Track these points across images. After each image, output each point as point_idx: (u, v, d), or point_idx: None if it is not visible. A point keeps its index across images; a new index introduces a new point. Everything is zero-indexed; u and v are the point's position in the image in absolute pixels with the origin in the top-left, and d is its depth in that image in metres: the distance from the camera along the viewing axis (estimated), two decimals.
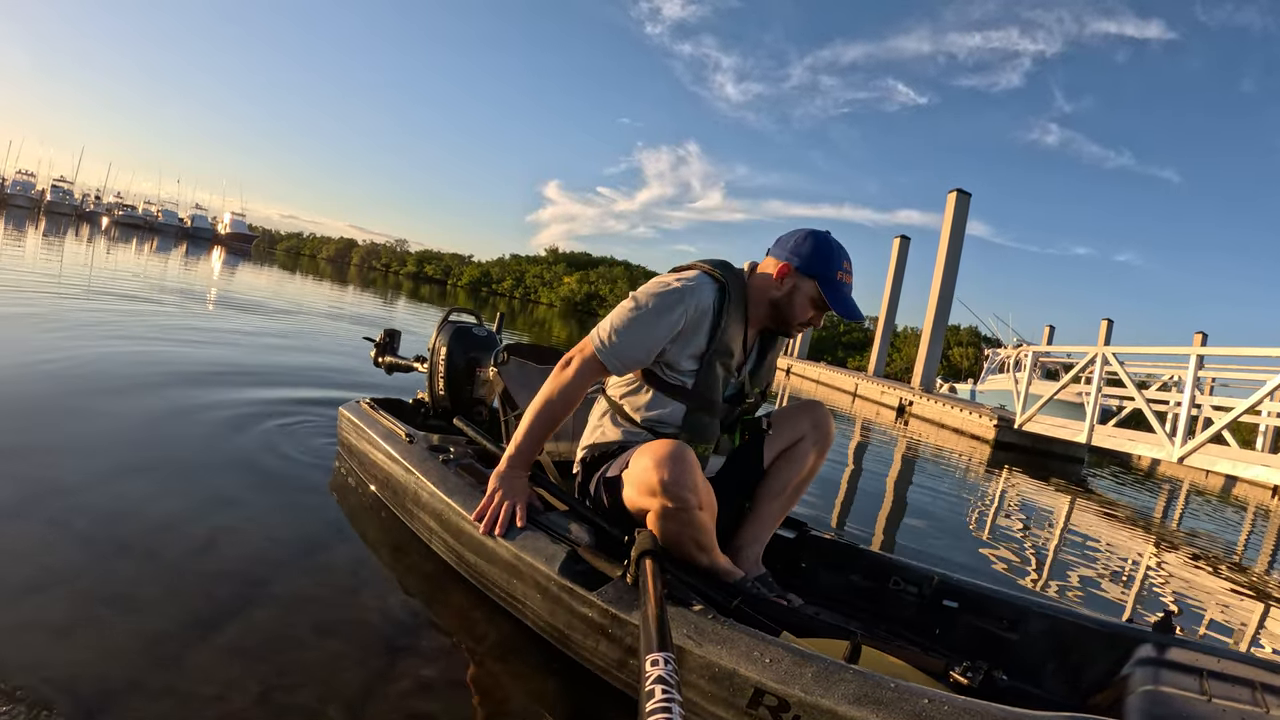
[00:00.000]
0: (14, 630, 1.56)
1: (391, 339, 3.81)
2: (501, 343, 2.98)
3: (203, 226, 71.18)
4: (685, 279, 1.96)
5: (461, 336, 3.29)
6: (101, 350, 4.87)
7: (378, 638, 1.79)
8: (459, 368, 3.25)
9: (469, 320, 3.45)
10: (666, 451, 1.73)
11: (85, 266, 12.75)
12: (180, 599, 1.81)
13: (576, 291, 61.88)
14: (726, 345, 1.98)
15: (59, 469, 2.55)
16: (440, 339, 3.28)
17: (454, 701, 1.62)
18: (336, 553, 2.27)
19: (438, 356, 3.27)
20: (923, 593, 2.16)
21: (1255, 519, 8.37)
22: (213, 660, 1.57)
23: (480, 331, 3.36)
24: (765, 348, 2.14)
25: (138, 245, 27.51)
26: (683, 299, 1.92)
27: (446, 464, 2.43)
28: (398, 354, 3.80)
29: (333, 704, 1.49)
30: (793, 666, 1.42)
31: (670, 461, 1.71)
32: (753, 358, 2.12)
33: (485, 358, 3.26)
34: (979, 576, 2.30)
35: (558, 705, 1.71)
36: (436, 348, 3.28)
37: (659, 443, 1.78)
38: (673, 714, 0.99)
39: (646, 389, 2.02)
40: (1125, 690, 1.54)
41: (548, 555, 1.88)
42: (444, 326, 3.32)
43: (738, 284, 2.02)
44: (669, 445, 1.75)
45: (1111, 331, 25.88)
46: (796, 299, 2.00)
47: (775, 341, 2.17)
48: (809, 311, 2.01)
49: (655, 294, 1.93)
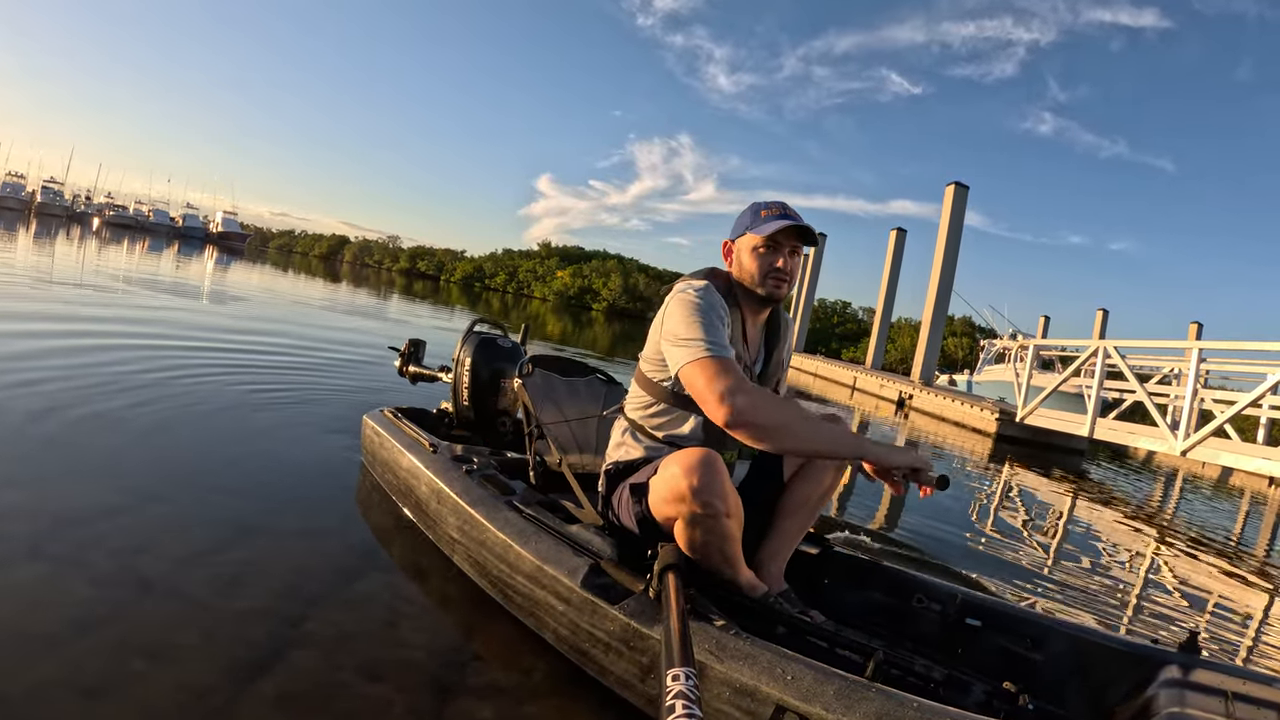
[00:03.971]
0: (41, 691, 1.46)
1: (416, 349, 3.83)
2: (526, 354, 2.97)
3: (195, 226, 70.74)
4: (698, 289, 1.92)
5: (486, 347, 3.29)
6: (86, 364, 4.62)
7: (424, 677, 1.77)
8: (483, 379, 3.26)
9: (494, 332, 3.46)
10: (697, 459, 1.72)
11: (76, 266, 12.60)
12: (216, 644, 1.74)
13: (570, 286, 61.73)
14: (732, 347, 1.96)
15: (63, 499, 2.45)
16: (465, 350, 3.28)
17: None
18: (369, 581, 2.25)
19: (462, 367, 3.28)
20: (946, 611, 2.15)
21: (1254, 507, 8.45)
22: (262, 713, 1.53)
23: (505, 343, 3.37)
24: (771, 345, 2.13)
25: (129, 245, 27.34)
26: (709, 302, 1.89)
27: (470, 474, 2.43)
28: (422, 363, 3.82)
29: None
30: (815, 684, 1.43)
31: (701, 468, 1.71)
32: (760, 357, 2.12)
33: (510, 369, 3.26)
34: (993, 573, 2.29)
35: None
36: (461, 358, 3.28)
37: (689, 450, 1.77)
38: None
39: (663, 405, 2.01)
40: (1150, 712, 1.55)
41: (570, 568, 1.89)
42: (469, 337, 3.32)
43: (725, 284, 2.02)
44: (699, 453, 1.74)
45: (1107, 321, 25.99)
46: (744, 259, 1.99)
47: (780, 338, 2.15)
48: (756, 261, 1.97)
49: (690, 298, 1.89)
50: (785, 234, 1.95)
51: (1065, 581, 3.66)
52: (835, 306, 59.31)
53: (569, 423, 2.57)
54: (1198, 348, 8.68)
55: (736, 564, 1.90)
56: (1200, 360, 8.68)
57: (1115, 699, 1.82)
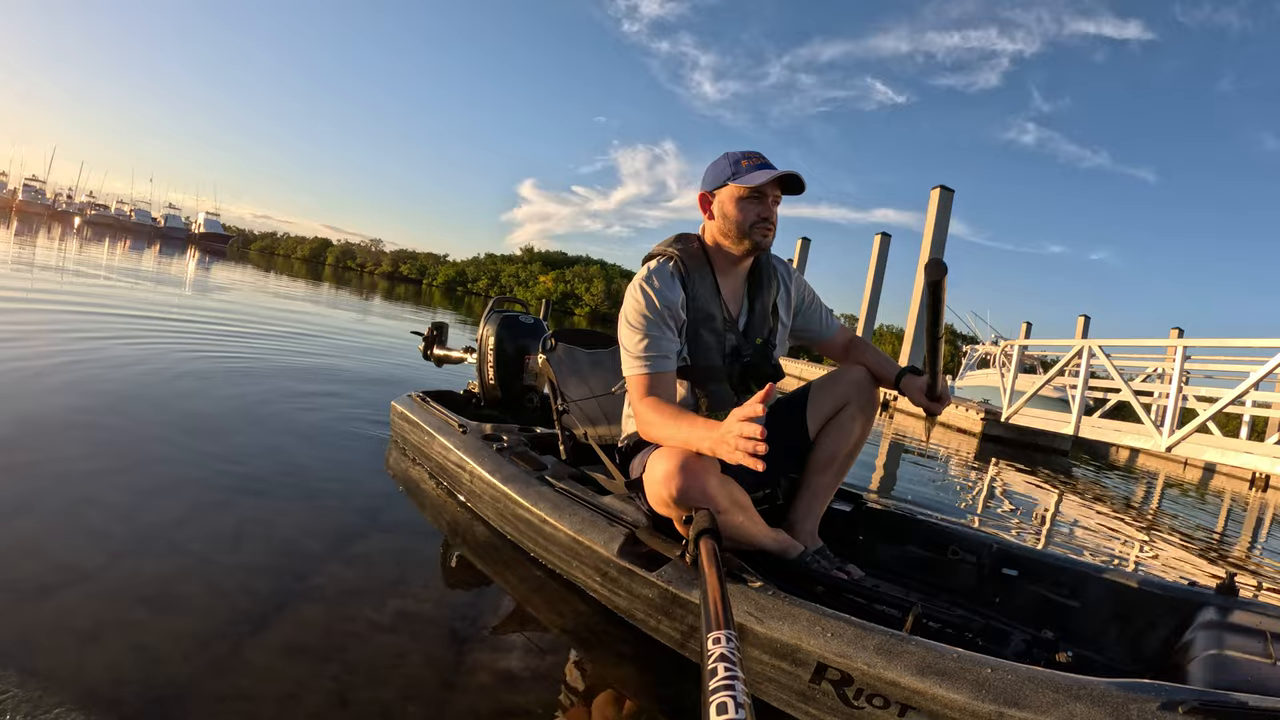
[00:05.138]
0: (37, 633, 1.45)
1: (439, 332, 3.84)
2: (549, 329, 2.94)
3: (176, 226, 70.27)
4: (644, 278, 1.93)
5: (510, 325, 3.28)
6: (95, 344, 4.69)
7: (442, 629, 1.75)
8: (508, 356, 3.25)
9: (516, 309, 3.44)
10: (676, 463, 1.69)
11: (60, 257, 12.47)
12: (219, 596, 1.72)
13: (552, 291, 61.61)
14: (703, 309, 1.97)
15: (60, 460, 2.45)
16: (488, 328, 3.26)
17: (538, 692, 1.58)
18: (376, 542, 2.23)
19: (486, 346, 3.25)
20: (981, 561, 2.15)
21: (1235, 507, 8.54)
22: (272, 661, 1.49)
23: (527, 319, 3.36)
24: (754, 298, 2.10)
25: (110, 245, 27.03)
26: (652, 297, 1.90)
27: (501, 453, 2.44)
28: (447, 345, 3.79)
29: (414, 701, 1.45)
30: (854, 639, 1.43)
31: (680, 474, 1.69)
32: (744, 311, 2.09)
33: (533, 345, 3.24)
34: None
35: (638, 683, 1.69)
36: (484, 337, 3.26)
37: (667, 451, 1.74)
38: (735, 691, 0.98)
39: None
40: (1188, 655, 1.54)
41: (606, 538, 1.89)
42: (489, 316, 3.30)
43: (692, 249, 2.01)
44: (678, 456, 1.71)
45: (1088, 327, 26.23)
46: (727, 210, 1.96)
47: (765, 289, 2.11)
48: (739, 210, 1.95)
49: (638, 300, 1.91)
50: (770, 183, 1.93)
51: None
52: None
53: (595, 397, 2.56)
54: (1182, 345, 8.78)
55: (754, 541, 1.90)
56: (1185, 358, 8.76)
57: (1154, 643, 1.82)
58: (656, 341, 1.88)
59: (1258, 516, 7.99)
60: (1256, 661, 1.43)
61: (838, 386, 2.15)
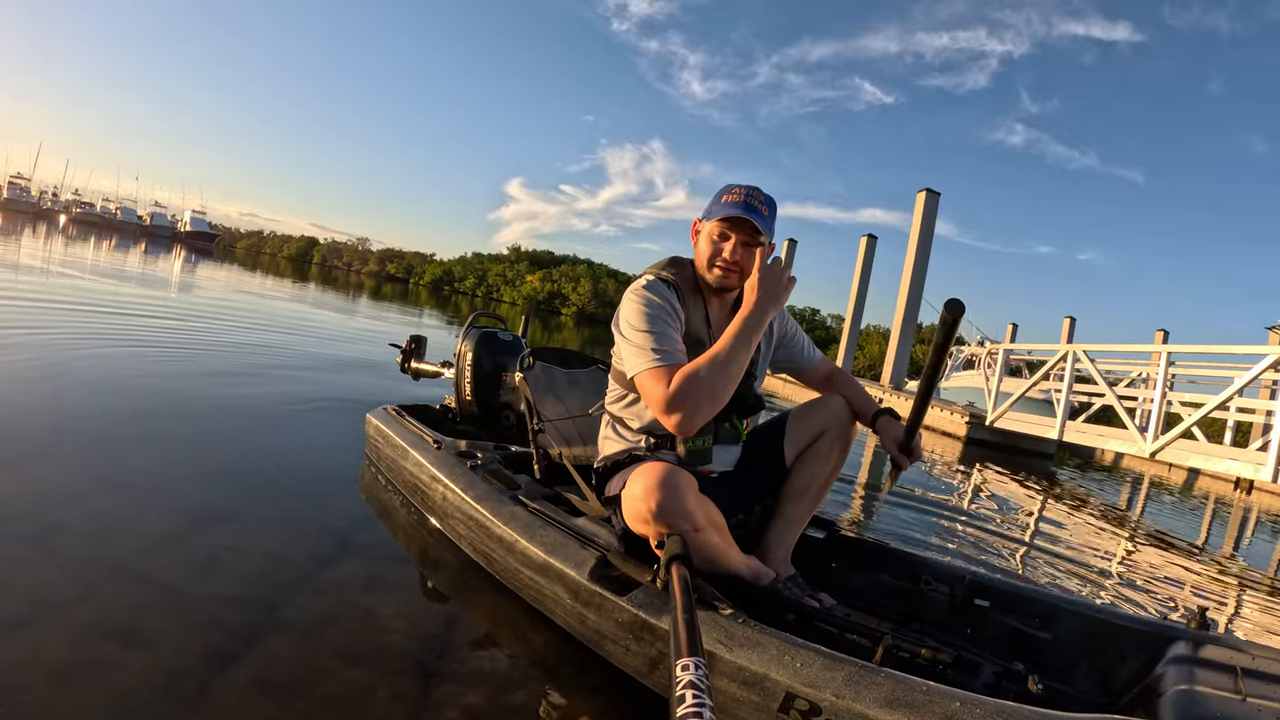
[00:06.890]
0: (10, 672, 1.42)
1: (418, 345, 3.83)
2: (527, 348, 2.94)
3: (162, 224, 69.88)
4: (644, 285, 1.91)
5: (487, 342, 3.28)
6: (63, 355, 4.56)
7: (410, 661, 1.73)
8: (485, 373, 3.24)
9: (495, 325, 3.44)
10: (655, 479, 1.68)
11: (44, 255, 12.34)
12: (189, 629, 1.69)
13: (539, 290, 61.51)
14: (694, 334, 1.96)
15: (26, 482, 2.40)
16: (466, 344, 3.26)
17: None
18: (348, 568, 2.19)
19: (464, 362, 3.25)
20: (954, 592, 2.15)
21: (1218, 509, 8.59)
22: (240, 698, 1.48)
23: (505, 336, 3.36)
24: None
25: (96, 243, 26.82)
26: (655, 299, 1.87)
27: (475, 470, 2.43)
28: (424, 359, 3.79)
29: None
30: (824, 670, 1.42)
31: (659, 490, 1.66)
32: None
33: (511, 363, 3.25)
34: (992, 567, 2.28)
35: (608, 718, 1.68)
36: (462, 352, 3.26)
37: (647, 468, 1.73)
38: (703, 718, 0.98)
39: (635, 395, 1.99)
40: (1159, 689, 1.53)
41: (577, 560, 1.88)
42: (469, 331, 3.30)
43: (685, 274, 2.00)
44: (657, 472, 1.69)
45: (1074, 329, 26.40)
46: (700, 243, 1.97)
47: None
48: (709, 247, 1.94)
49: (638, 301, 1.88)
50: (736, 224, 1.90)
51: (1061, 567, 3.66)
52: (804, 313, 59.64)
53: (572, 418, 2.55)
54: (1166, 351, 8.82)
55: (728, 563, 1.88)
56: (1169, 364, 8.81)
57: (1125, 677, 1.81)
58: (667, 337, 1.83)
59: (1241, 519, 8.05)
60: (1226, 698, 1.42)
61: (816, 415, 2.15)
